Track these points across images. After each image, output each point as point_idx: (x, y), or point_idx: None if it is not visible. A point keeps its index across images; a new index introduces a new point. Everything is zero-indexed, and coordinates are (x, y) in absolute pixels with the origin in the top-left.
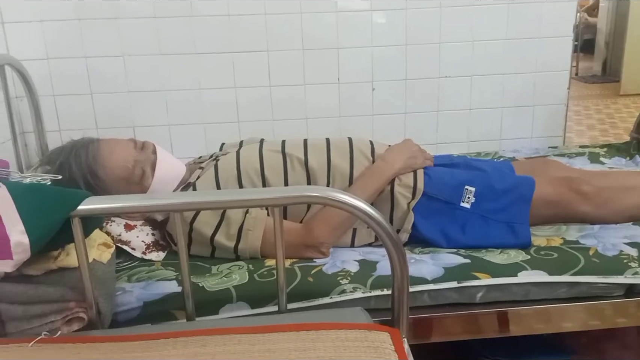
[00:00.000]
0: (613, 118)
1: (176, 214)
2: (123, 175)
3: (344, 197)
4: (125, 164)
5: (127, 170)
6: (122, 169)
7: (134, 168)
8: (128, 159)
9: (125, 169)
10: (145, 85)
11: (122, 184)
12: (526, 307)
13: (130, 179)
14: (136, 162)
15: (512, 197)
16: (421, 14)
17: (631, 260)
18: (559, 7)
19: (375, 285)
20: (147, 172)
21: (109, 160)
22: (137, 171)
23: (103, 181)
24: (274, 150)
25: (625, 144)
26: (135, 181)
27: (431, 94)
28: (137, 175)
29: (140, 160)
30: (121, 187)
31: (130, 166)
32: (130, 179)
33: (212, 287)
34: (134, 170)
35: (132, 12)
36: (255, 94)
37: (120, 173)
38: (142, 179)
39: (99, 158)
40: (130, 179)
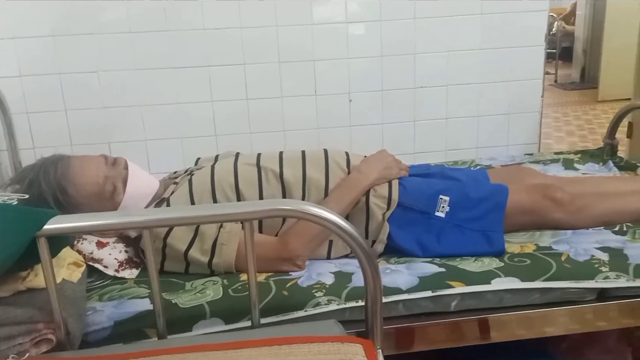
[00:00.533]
0: (592, 124)
1: (145, 231)
2: (94, 191)
3: (316, 211)
4: (96, 180)
5: (97, 186)
6: (92, 185)
7: (105, 184)
8: (99, 174)
9: (96, 184)
10: (121, 100)
11: (93, 200)
12: (508, 314)
13: (101, 195)
14: (107, 177)
15: (487, 206)
16: (396, 26)
17: (602, 265)
18: (531, 17)
19: (350, 297)
20: (119, 187)
21: (79, 177)
22: (108, 187)
23: (73, 197)
24: (249, 163)
25: (599, 150)
26: (106, 197)
27: (408, 105)
28: (108, 191)
29: (111, 176)
30: (92, 203)
31: (101, 182)
32: (101, 194)
33: (185, 303)
34: (105, 186)
35: (106, 28)
36: (232, 108)
37: (90, 189)
38: (113, 195)
39: (69, 174)
40: (101, 195)
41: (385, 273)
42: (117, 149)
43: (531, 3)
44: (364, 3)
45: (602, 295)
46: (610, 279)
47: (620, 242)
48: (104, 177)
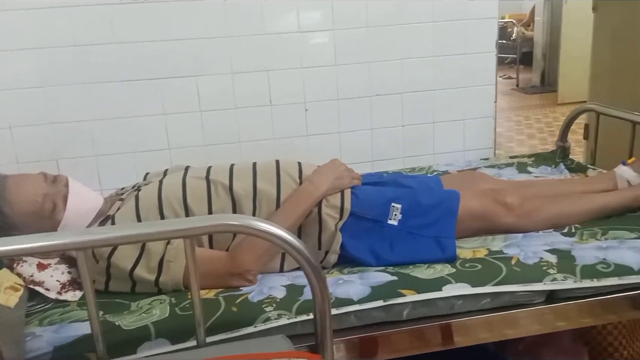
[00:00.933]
0: (552, 126)
1: (80, 253)
2: (32, 209)
3: (263, 226)
4: (34, 198)
5: (36, 204)
6: (30, 203)
7: (44, 202)
8: (37, 192)
9: (34, 203)
10: (69, 115)
11: (31, 219)
12: (470, 318)
13: (40, 214)
14: (46, 195)
15: (439, 212)
16: (349, 35)
17: (550, 267)
18: (482, 24)
19: (300, 311)
20: (59, 205)
21: (15, 196)
22: (48, 205)
23: (10, 218)
24: (198, 177)
25: (551, 153)
26: (45, 215)
27: (364, 113)
28: (47, 209)
29: (50, 194)
30: (31, 222)
31: (40, 200)
32: (40, 213)
33: (129, 325)
34: (44, 204)
35: (51, 42)
36: (185, 120)
37: (28, 208)
38: (53, 213)
39: (5, 194)
40: (40, 214)
41: (337, 284)
42: (65, 165)
43: (481, 10)
44: (317, 13)
45: (550, 297)
46: (557, 281)
47: (569, 244)
48: (42, 195)
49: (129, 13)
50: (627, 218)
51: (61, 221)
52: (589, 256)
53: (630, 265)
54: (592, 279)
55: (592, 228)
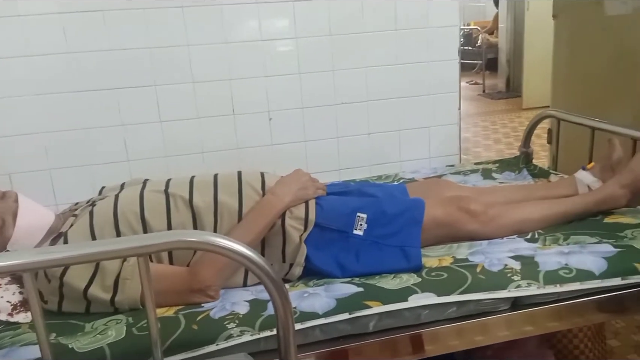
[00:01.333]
0: (517, 131)
1: (26, 275)
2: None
3: (222, 242)
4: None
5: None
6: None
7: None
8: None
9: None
10: (21, 128)
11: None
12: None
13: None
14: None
15: (403, 221)
16: (312, 43)
17: (514, 274)
18: (444, 32)
19: (264, 326)
20: (8, 221)
21: None
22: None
23: None
24: (157, 190)
25: (515, 159)
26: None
27: (330, 121)
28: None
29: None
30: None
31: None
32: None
33: (83, 347)
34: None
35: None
36: (145, 131)
37: None
38: (2, 230)
39: None
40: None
41: (303, 297)
42: (18, 180)
43: (443, 19)
44: (278, 21)
45: (515, 304)
46: (521, 288)
47: (532, 250)
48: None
49: (82, 21)
50: (588, 222)
51: (10, 238)
52: (551, 262)
53: (591, 270)
54: (555, 284)
55: (554, 233)
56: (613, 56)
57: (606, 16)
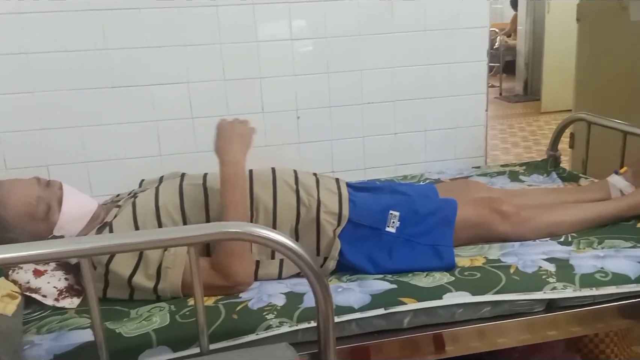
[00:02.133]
0: (536, 135)
1: (83, 260)
2: (26, 211)
3: (265, 233)
4: (28, 200)
5: (30, 206)
6: (24, 205)
7: (38, 204)
8: (31, 195)
9: (28, 205)
10: (59, 121)
11: (25, 221)
12: (462, 328)
13: (34, 215)
14: (39, 198)
15: (436, 220)
16: (342, 42)
17: (549, 276)
18: (473, 34)
19: (302, 318)
20: (53, 207)
21: (9, 198)
22: (41, 207)
23: (5, 220)
24: (195, 184)
25: (543, 162)
26: (40, 217)
27: (356, 121)
28: (41, 211)
29: (43, 197)
30: (25, 224)
31: (34, 202)
32: (34, 215)
33: (130, 332)
34: (38, 206)
35: (40, 47)
36: (177, 127)
37: (22, 209)
38: (47, 215)
39: (0, 197)
40: (34, 215)
41: (337, 292)
42: (56, 171)
43: (472, 20)
44: (308, 20)
45: (550, 306)
46: (558, 290)
47: (566, 253)
48: (36, 197)
49: (122, 20)
50: (621, 227)
51: (56, 223)
52: (587, 265)
53: (627, 274)
54: (591, 287)
55: (588, 237)
56: (638, 61)
57: (630, 21)
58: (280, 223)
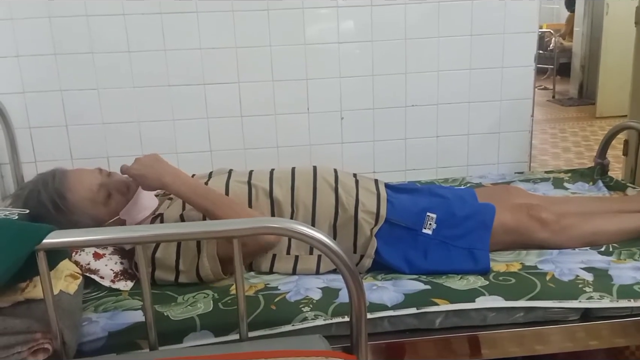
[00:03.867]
0: (589, 140)
1: (138, 247)
2: (89, 196)
3: (304, 230)
4: (90, 187)
5: (92, 192)
6: (87, 190)
7: (99, 191)
8: (93, 182)
9: (90, 191)
10: (119, 117)
11: (88, 205)
12: (499, 331)
13: (95, 200)
14: (101, 185)
15: (473, 224)
16: (387, 45)
17: (586, 285)
18: (521, 39)
19: (336, 313)
20: (114, 195)
21: (75, 183)
22: (102, 193)
23: (71, 202)
24: (241, 181)
25: (589, 169)
26: (100, 202)
27: (399, 123)
28: (102, 196)
29: (105, 184)
30: (88, 208)
31: (95, 189)
32: (95, 200)
33: (177, 316)
34: (99, 192)
35: (105, 47)
36: (227, 124)
37: (85, 194)
38: (108, 201)
39: (66, 182)
40: (95, 200)
41: (372, 289)
42: (115, 163)
43: (521, 25)
44: (356, 24)
45: (585, 315)
46: (593, 299)
47: (606, 263)
48: (98, 184)
49: (177, 22)
50: None
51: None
52: (626, 276)
53: None
54: (629, 299)
55: (630, 248)
56: None
57: None
58: (319, 220)
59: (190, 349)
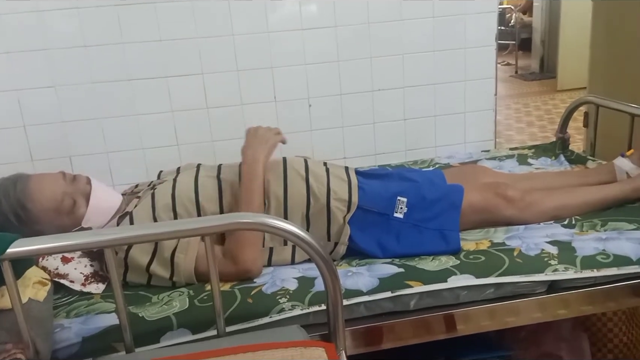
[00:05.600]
0: (551, 114)
1: (107, 250)
2: (52, 206)
3: (276, 223)
4: (53, 196)
5: (55, 202)
6: (50, 200)
7: (63, 199)
8: (56, 191)
9: (53, 200)
10: (80, 114)
11: (52, 215)
12: (473, 308)
13: (59, 210)
14: (65, 193)
15: (443, 206)
16: (351, 30)
17: (551, 258)
18: (481, 19)
19: (313, 302)
20: (79, 202)
21: (36, 193)
22: (67, 202)
23: (33, 214)
24: (210, 176)
25: (551, 144)
26: (65, 211)
27: (366, 107)
28: (66, 205)
29: (69, 192)
30: (52, 218)
31: (59, 198)
32: (59, 209)
33: (152, 316)
34: (63, 201)
35: (61, 42)
36: (192, 116)
37: (49, 205)
38: (73, 209)
39: (27, 192)
40: (59, 210)
41: (347, 276)
42: (78, 162)
43: (482, 5)
44: (319, 9)
45: (552, 287)
46: (558, 272)
47: (569, 235)
48: (62, 193)
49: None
50: (626, 209)
51: (84, 216)
52: (588, 247)
53: (628, 256)
54: (592, 269)
55: (591, 220)
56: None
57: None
58: (292, 211)
59: (168, 349)
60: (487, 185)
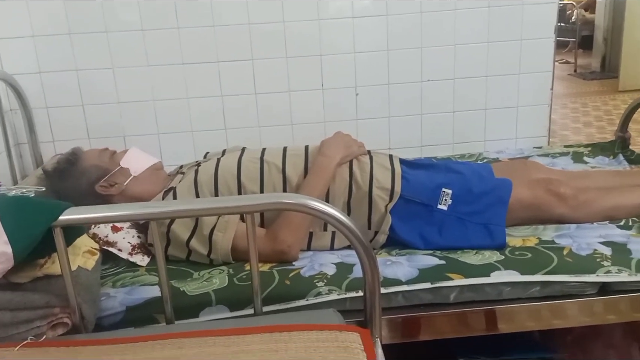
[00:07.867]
0: (611, 115)
1: (152, 223)
2: (98, 174)
3: (317, 205)
4: (96, 151)
5: (101, 170)
6: (97, 168)
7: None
8: (103, 161)
9: (99, 169)
10: (135, 95)
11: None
12: (517, 305)
13: (101, 157)
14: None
15: (489, 200)
16: (402, 20)
17: (604, 259)
18: (540, 10)
19: (350, 288)
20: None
21: (86, 162)
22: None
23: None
24: (254, 158)
25: (610, 143)
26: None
27: (414, 98)
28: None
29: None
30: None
31: (105, 166)
32: (101, 157)
33: (193, 291)
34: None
35: (120, 26)
36: (241, 102)
37: (96, 172)
38: (113, 156)
39: (78, 163)
40: (101, 157)
41: (386, 265)
42: (131, 142)
43: None
44: None
45: (603, 289)
46: (611, 273)
47: (625, 237)
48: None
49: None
50: None
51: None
52: None
53: None
54: None
55: None
56: None
57: None
58: (333, 197)
59: (206, 323)
60: (538, 181)
